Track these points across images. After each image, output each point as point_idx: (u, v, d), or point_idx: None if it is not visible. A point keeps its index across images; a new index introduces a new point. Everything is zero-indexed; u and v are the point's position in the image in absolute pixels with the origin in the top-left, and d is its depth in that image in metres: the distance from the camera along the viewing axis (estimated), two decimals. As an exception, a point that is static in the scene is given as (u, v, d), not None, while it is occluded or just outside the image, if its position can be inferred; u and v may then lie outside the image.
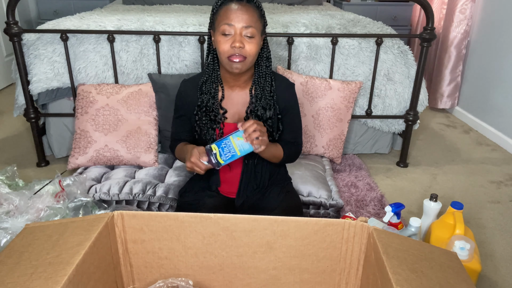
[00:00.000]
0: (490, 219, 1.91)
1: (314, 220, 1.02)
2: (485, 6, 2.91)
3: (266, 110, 1.39)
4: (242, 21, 1.25)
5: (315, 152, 2.18)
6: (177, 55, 2.08)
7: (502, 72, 2.71)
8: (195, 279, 1.09)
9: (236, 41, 1.25)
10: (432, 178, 2.26)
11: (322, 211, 1.83)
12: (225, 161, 1.26)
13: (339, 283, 1.09)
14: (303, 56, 2.15)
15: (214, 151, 1.25)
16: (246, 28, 1.26)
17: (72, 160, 1.98)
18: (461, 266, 0.93)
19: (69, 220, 0.99)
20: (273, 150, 1.39)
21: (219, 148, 1.25)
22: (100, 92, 2.00)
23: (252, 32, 1.27)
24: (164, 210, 1.79)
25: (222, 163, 1.26)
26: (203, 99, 1.39)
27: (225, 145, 1.25)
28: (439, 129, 2.96)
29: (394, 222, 1.63)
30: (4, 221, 1.45)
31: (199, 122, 1.40)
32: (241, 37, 1.26)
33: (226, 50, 1.27)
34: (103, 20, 2.17)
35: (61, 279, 0.81)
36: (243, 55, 1.28)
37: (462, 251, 1.36)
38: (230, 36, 1.27)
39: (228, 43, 1.27)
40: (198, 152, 1.26)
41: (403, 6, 3.66)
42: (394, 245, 0.94)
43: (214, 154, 1.25)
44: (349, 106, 2.14)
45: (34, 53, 2.04)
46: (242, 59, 1.28)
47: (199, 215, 1.03)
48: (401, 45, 2.21)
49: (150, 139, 2.00)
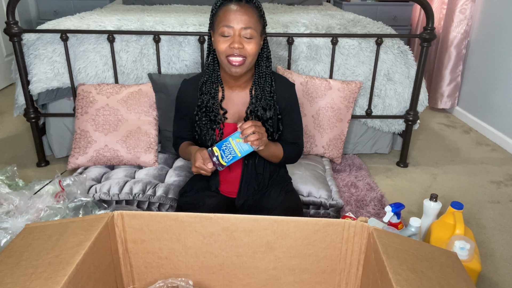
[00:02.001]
0: (490, 219, 1.91)
1: (314, 220, 1.02)
2: (485, 6, 2.91)
3: (266, 110, 1.39)
4: (241, 22, 1.25)
5: (315, 152, 2.18)
6: (177, 55, 2.08)
7: (502, 72, 2.71)
8: (195, 279, 1.09)
9: (235, 42, 1.25)
10: (432, 178, 2.26)
11: (322, 211, 1.83)
12: (227, 162, 1.28)
13: (339, 283, 1.09)
14: (303, 56, 2.15)
15: (216, 153, 1.27)
16: (245, 29, 1.26)
17: (72, 160, 1.98)
18: (461, 266, 0.93)
19: (69, 220, 0.99)
20: (273, 150, 1.39)
21: (220, 151, 1.26)
22: (100, 92, 2.00)
23: (251, 33, 1.27)
24: (164, 210, 1.79)
25: (225, 164, 1.28)
26: (203, 99, 1.39)
27: (225, 147, 1.26)
28: (439, 129, 2.96)
29: (394, 222, 1.63)
30: (4, 221, 1.45)
31: (199, 123, 1.40)
32: (240, 38, 1.26)
33: (224, 49, 1.27)
34: (103, 20, 2.17)
35: (61, 279, 0.81)
36: (243, 55, 1.28)
37: (462, 251, 1.36)
38: (229, 37, 1.27)
39: (226, 43, 1.27)
40: (201, 156, 1.29)
41: (403, 6, 3.66)
42: (394, 245, 0.94)
43: (216, 157, 1.27)
44: (349, 106, 2.14)
45: (34, 53, 2.04)
46: (242, 62, 1.29)
47: (199, 215, 1.03)
48: (401, 45, 2.21)
49: (150, 139, 2.00)
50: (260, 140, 1.24)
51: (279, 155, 1.42)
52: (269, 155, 1.39)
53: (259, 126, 1.26)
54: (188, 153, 1.40)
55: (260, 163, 1.46)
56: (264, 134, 1.28)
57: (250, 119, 1.39)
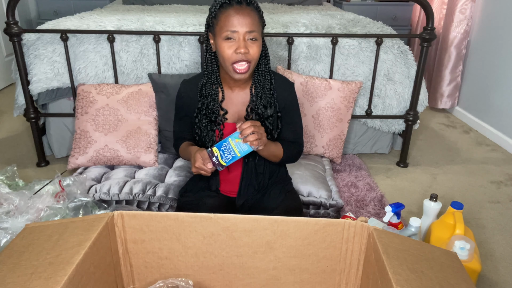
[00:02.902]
0: (490, 219, 1.91)
1: (314, 220, 1.02)
2: (485, 6, 2.91)
3: (266, 108, 1.39)
4: (245, 26, 1.25)
5: (315, 152, 2.18)
6: (177, 55, 2.08)
7: (502, 72, 2.71)
8: (195, 279, 1.09)
9: (241, 47, 1.25)
10: (432, 178, 2.26)
11: (322, 211, 1.83)
12: (227, 162, 1.27)
13: (339, 283, 1.09)
14: (303, 56, 2.14)
15: (216, 154, 1.27)
16: (249, 33, 1.26)
17: (72, 160, 1.98)
18: (461, 266, 0.93)
19: (69, 220, 0.99)
20: (272, 149, 1.39)
21: (220, 151, 1.26)
22: (100, 92, 2.00)
23: (255, 36, 1.27)
24: (164, 210, 1.79)
25: (225, 164, 1.28)
26: (203, 101, 1.40)
27: (225, 147, 1.26)
28: (439, 129, 2.96)
29: (394, 222, 1.63)
30: (4, 221, 1.45)
31: (199, 124, 1.41)
32: (245, 42, 1.26)
33: (230, 55, 1.27)
34: (103, 20, 2.17)
35: (61, 279, 0.81)
36: (248, 60, 1.28)
37: (462, 251, 1.36)
38: (233, 41, 1.26)
39: (232, 48, 1.26)
40: (201, 156, 1.28)
41: (403, 6, 3.66)
42: (394, 245, 0.94)
43: (216, 157, 1.27)
44: (349, 106, 2.14)
45: (34, 53, 2.04)
46: (247, 68, 1.29)
47: (199, 215, 1.03)
48: (401, 45, 2.21)
49: (150, 139, 2.00)
50: (259, 140, 1.24)
51: (279, 155, 1.42)
52: (268, 155, 1.39)
53: (258, 126, 1.26)
54: (188, 153, 1.40)
55: (260, 163, 1.46)
56: (264, 134, 1.27)
57: (250, 118, 1.39)
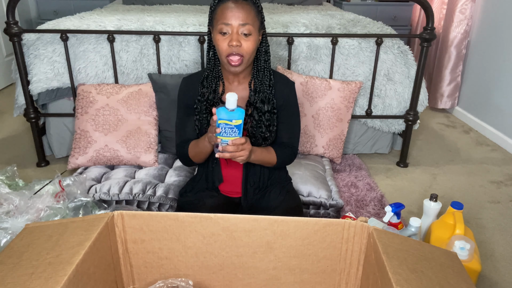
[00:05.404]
0: (490, 219, 1.91)
1: (314, 220, 1.02)
2: (485, 6, 2.91)
3: (264, 103, 1.40)
4: (239, 19, 1.27)
5: (315, 152, 2.18)
6: (177, 55, 2.08)
7: (502, 72, 2.71)
8: (195, 279, 1.09)
9: (233, 40, 1.27)
10: (432, 178, 2.26)
11: (322, 211, 1.83)
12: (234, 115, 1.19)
13: (339, 283, 1.09)
14: (303, 56, 2.14)
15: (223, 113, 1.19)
16: (242, 26, 1.28)
17: (72, 160, 1.98)
18: (461, 266, 0.93)
19: (69, 220, 0.99)
20: (263, 157, 1.39)
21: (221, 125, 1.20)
22: (100, 92, 2.00)
23: (249, 29, 1.28)
24: (164, 210, 1.79)
25: (235, 116, 1.18)
26: (204, 92, 1.41)
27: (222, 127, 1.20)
28: (439, 129, 2.96)
29: (394, 222, 1.63)
30: (4, 221, 1.45)
31: (199, 116, 1.41)
32: (238, 35, 1.28)
33: (224, 49, 1.30)
34: (103, 20, 2.17)
35: (61, 279, 0.81)
36: (240, 54, 1.30)
37: (462, 251, 1.36)
38: (227, 34, 1.29)
39: (225, 41, 1.29)
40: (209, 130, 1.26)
41: (403, 6, 3.66)
42: (394, 245, 0.94)
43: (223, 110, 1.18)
44: (349, 106, 2.13)
45: (34, 53, 2.04)
46: (240, 61, 1.31)
47: (199, 215, 1.03)
48: (401, 45, 2.21)
49: (150, 139, 2.00)
50: (241, 158, 1.26)
51: (272, 162, 1.44)
52: (261, 163, 1.41)
53: (240, 145, 1.24)
54: (200, 143, 1.37)
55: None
56: (245, 151, 1.26)
57: (249, 113, 1.40)
